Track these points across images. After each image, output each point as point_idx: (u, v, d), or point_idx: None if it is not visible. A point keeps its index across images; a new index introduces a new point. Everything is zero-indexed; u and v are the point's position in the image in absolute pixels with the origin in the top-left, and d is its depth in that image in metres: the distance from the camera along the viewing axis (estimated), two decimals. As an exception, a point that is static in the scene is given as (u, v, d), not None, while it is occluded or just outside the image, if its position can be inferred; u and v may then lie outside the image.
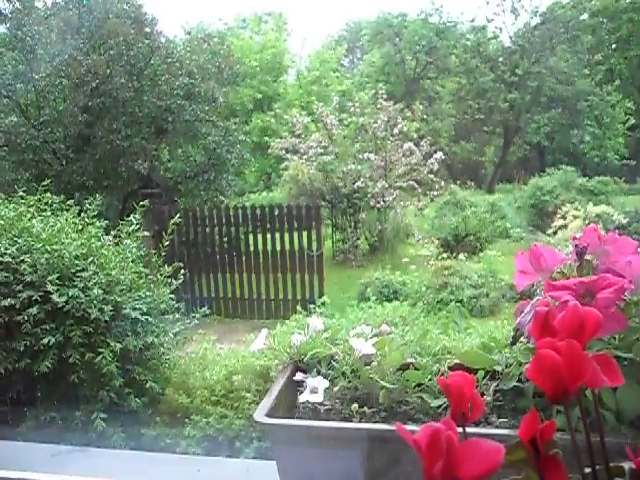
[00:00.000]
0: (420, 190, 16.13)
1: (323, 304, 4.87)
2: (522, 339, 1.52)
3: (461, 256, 11.94)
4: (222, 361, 4.18)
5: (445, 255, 12.22)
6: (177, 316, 4.21)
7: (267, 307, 11.36)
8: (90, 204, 4.06)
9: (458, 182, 29.31)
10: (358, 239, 15.61)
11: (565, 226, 16.11)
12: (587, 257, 1.41)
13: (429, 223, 16.20)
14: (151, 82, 13.15)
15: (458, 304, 7.78)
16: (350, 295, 11.33)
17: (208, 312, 4.69)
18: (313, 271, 11.07)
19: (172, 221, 4.18)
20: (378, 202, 14.94)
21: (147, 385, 3.50)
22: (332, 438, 1.50)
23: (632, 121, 35.85)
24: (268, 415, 1.53)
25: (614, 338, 1.37)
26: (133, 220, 3.92)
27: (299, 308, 4.24)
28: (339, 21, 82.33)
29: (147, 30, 14.00)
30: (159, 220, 10.34)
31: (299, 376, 1.74)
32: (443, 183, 16.87)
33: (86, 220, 3.88)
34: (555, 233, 15.46)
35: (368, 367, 1.67)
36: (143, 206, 4.15)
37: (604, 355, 1.04)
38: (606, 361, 1.02)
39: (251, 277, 11.48)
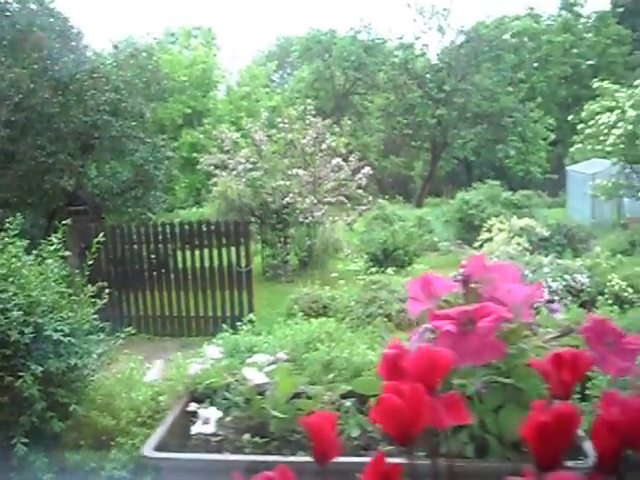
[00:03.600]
0: (349, 205, 16.25)
1: (250, 321, 4.85)
2: None
3: (389, 270, 12.05)
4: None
5: (374, 269, 12.34)
6: (102, 336, 4.15)
7: (197, 324, 11.25)
8: (11, 223, 3.98)
9: (387, 196, 29.67)
10: (288, 254, 15.63)
11: (491, 239, 16.47)
12: (473, 285, 1.47)
13: (358, 238, 16.33)
14: (77, 97, 12.95)
15: (384, 319, 7.88)
16: (280, 311, 11.30)
17: (134, 331, 4.61)
18: (242, 287, 11.01)
19: (96, 240, 4.13)
20: (307, 217, 14.98)
21: (71, 408, 3.45)
22: (219, 470, 1.47)
23: (553, 137, 36.99)
24: (158, 448, 1.51)
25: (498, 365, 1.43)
26: (54, 240, 3.86)
27: (225, 326, 4.23)
28: (269, 36, 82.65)
29: (73, 44, 13.80)
30: (85, 238, 10.13)
31: (193, 406, 1.72)
32: (371, 198, 17.03)
33: (7, 239, 3.80)
34: (481, 246, 15.79)
35: (260, 397, 1.67)
36: (65, 225, 4.09)
37: (452, 395, 1.08)
38: (454, 401, 1.06)
39: (180, 294, 11.35)
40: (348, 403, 1.83)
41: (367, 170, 16.34)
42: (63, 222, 4.14)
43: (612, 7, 46.53)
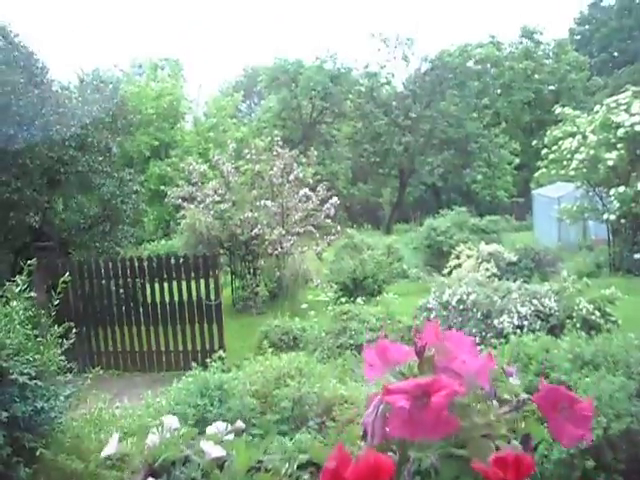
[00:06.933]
0: (318, 235, 16.28)
1: (220, 358, 4.83)
2: None
3: (359, 299, 12.06)
4: (118, 422, 4.10)
5: (343, 299, 12.33)
6: (69, 377, 4.10)
7: (167, 359, 11.15)
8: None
9: (356, 224, 29.80)
10: (257, 286, 15.58)
11: (460, 265, 16.59)
12: (428, 354, 1.49)
13: (328, 267, 16.35)
14: (42, 133, 12.87)
15: (354, 352, 7.86)
16: (250, 343, 11.26)
17: (104, 367, 4.57)
18: (212, 321, 10.94)
19: (62, 280, 4.09)
20: (276, 249, 14.98)
21: (38, 452, 3.39)
22: None
23: (518, 161, 37.55)
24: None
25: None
26: (19, 281, 3.81)
27: (195, 364, 4.21)
28: (236, 66, 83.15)
29: (38, 79, 13.73)
30: (52, 274, 10.03)
31: (151, 481, 1.71)
32: (339, 227, 17.08)
33: (-31, 282, 3.76)
34: (450, 273, 15.90)
35: (218, 471, 1.66)
36: (30, 265, 4.05)
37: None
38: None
39: (149, 329, 11.26)
40: (306, 476, 1.82)
41: (335, 200, 16.41)
42: (29, 262, 4.09)
43: (570, 35, 47.72)
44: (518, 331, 9.42)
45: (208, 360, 4.80)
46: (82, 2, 77.10)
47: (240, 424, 2.04)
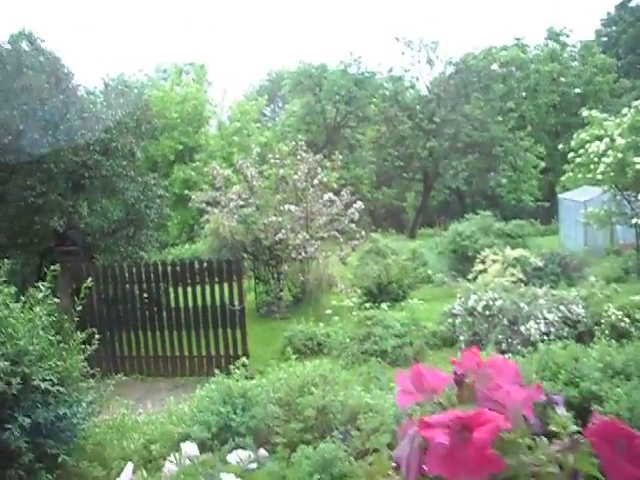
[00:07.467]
0: (342, 239, 16.22)
1: (244, 365, 4.77)
2: None
3: (384, 305, 12.00)
4: (140, 428, 4.06)
5: (368, 305, 12.28)
6: (92, 382, 4.08)
7: (190, 364, 11.12)
8: (-1, 269, 3.92)
9: (380, 228, 29.70)
10: (281, 291, 15.54)
11: (485, 270, 16.44)
12: (467, 380, 1.38)
13: (352, 272, 16.28)
14: (67, 137, 12.92)
15: (379, 358, 7.80)
16: (274, 348, 11.24)
17: (127, 372, 4.53)
18: (236, 326, 10.89)
19: (85, 285, 4.06)
20: (300, 253, 14.94)
21: (60, 459, 3.36)
22: None
23: (543, 165, 37.23)
24: None
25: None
26: (42, 287, 3.79)
27: (217, 371, 4.16)
28: (261, 71, 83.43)
29: (63, 84, 13.79)
30: (77, 279, 10.06)
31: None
32: (364, 232, 16.98)
33: (-6, 287, 3.74)
34: (475, 278, 15.75)
35: None
36: (54, 270, 4.03)
37: None
38: None
39: (172, 334, 11.24)
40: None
41: (359, 205, 16.33)
42: (52, 267, 4.07)
43: (596, 37, 47.28)
44: (545, 338, 9.31)
45: (231, 366, 4.75)
46: (109, 8, 77.76)
47: (263, 453, 1.98)
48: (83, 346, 3.96)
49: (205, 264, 11.38)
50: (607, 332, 8.93)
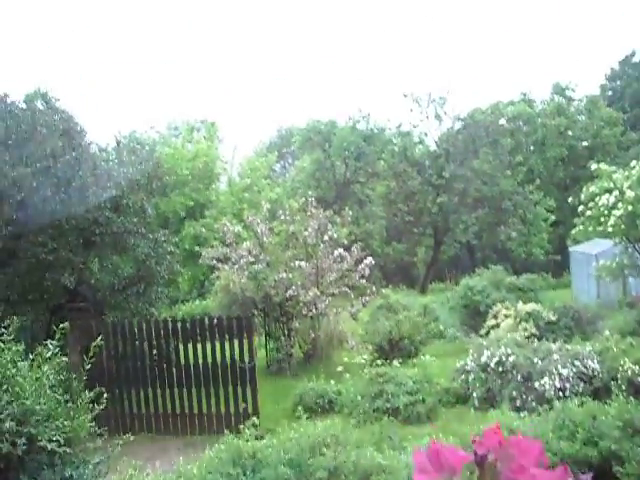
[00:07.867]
0: (353, 295, 16.14)
1: (254, 426, 4.68)
2: None
3: (395, 362, 11.87)
4: (148, 490, 3.98)
5: (379, 362, 12.13)
6: (99, 443, 4.00)
7: (200, 422, 10.98)
8: (7, 327, 3.88)
9: (391, 284, 29.58)
10: (292, 347, 15.42)
11: (497, 325, 16.29)
12: (490, 459, 1.30)
13: (363, 328, 16.16)
14: (79, 194, 13.00)
15: (391, 417, 7.67)
16: (285, 406, 11.09)
17: (132, 437, 4.44)
18: (246, 383, 10.77)
19: (94, 343, 4.02)
20: (311, 310, 14.85)
21: (65, 523, 3.27)
22: None
23: (553, 218, 37.22)
24: None
25: None
26: (50, 346, 3.75)
27: (227, 431, 4.08)
28: (270, 127, 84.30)
29: (76, 141, 13.94)
30: (86, 336, 10.01)
31: None
32: (374, 288, 16.89)
33: (1, 345, 3.70)
34: (488, 333, 15.60)
35: None
36: (63, 328, 3.99)
37: None
38: None
39: (182, 391, 11.13)
40: None
41: (369, 260, 16.29)
42: (62, 325, 4.04)
43: (601, 91, 47.76)
44: (560, 394, 9.16)
45: (241, 426, 4.66)
46: (122, 66, 79.20)
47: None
48: (91, 405, 3.88)
49: (215, 321, 11.33)
50: (624, 387, 8.76)
